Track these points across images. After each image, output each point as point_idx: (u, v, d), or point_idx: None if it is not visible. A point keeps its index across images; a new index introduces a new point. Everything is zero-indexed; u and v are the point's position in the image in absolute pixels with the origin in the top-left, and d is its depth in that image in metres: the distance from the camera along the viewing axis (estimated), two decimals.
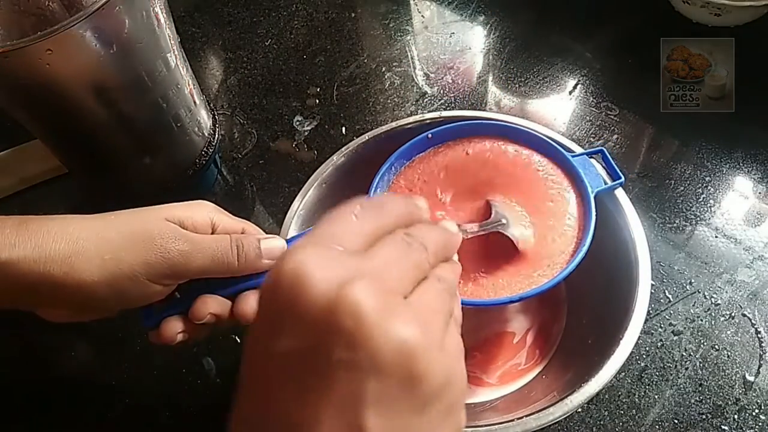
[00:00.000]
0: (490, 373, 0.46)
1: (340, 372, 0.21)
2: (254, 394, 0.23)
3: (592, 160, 0.43)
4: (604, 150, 0.44)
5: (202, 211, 0.37)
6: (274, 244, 0.37)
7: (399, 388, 0.21)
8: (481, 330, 0.48)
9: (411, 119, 0.49)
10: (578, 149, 0.45)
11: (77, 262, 0.32)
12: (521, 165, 0.44)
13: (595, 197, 0.41)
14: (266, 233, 0.38)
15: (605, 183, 0.42)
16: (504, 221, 0.40)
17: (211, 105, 0.61)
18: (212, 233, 0.37)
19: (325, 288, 0.21)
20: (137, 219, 0.34)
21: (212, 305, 0.35)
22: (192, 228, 0.35)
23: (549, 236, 0.40)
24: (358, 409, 0.21)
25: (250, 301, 0.36)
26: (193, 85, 0.56)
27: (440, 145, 0.45)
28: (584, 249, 0.38)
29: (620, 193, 0.43)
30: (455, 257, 0.30)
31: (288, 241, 0.39)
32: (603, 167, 0.44)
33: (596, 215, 0.40)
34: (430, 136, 0.45)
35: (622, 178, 0.42)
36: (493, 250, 0.41)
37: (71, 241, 0.32)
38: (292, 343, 0.22)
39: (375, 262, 0.24)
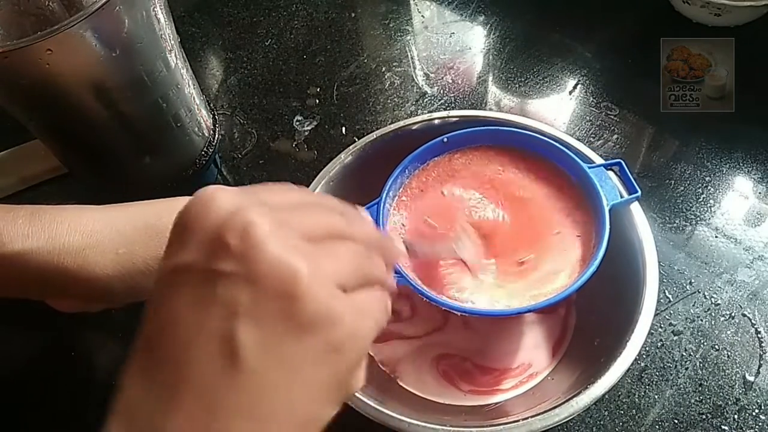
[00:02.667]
0: (501, 379, 0.46)
1: (221, 281, 0.22)
2: (157, 307, 0.24)
3: (609, 172, 0.43)
4: (622, 162, 0.43)
5: None
6: None
7: (273, 305, 0.22)
8: (495, 337, 0.48)
9: (419, 118, 0.48)
10: (598, 159, 0.44)
11: (91, 255, 0.32)
12: (536, 176, 0.44)
13: (609, 210, 0.40)
14: None
15: (621, 196, 0.42)
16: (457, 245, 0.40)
17: (211, 105, 0.61)
18: None
19: (225, 209, 0.23)
20: (152, 212, 0.34)
21: None
22: None
23: (561, 248, 0.40)
24: (232, 319, 0.22)
25: None
26: (193, 85, 0.56)
27: (456, 151, 0.44)
28: (596, 263, 0.37)
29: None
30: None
31: None
32: (619, 179, 0.43)
33: (610, 228, 0.39)
34: (445, 140, 0.44)
35: (639, 192, 0.42)
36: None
37: (85, 233, 0.32)
38: (190, 256, 0.23)
39: (286, 207, 0.25)
